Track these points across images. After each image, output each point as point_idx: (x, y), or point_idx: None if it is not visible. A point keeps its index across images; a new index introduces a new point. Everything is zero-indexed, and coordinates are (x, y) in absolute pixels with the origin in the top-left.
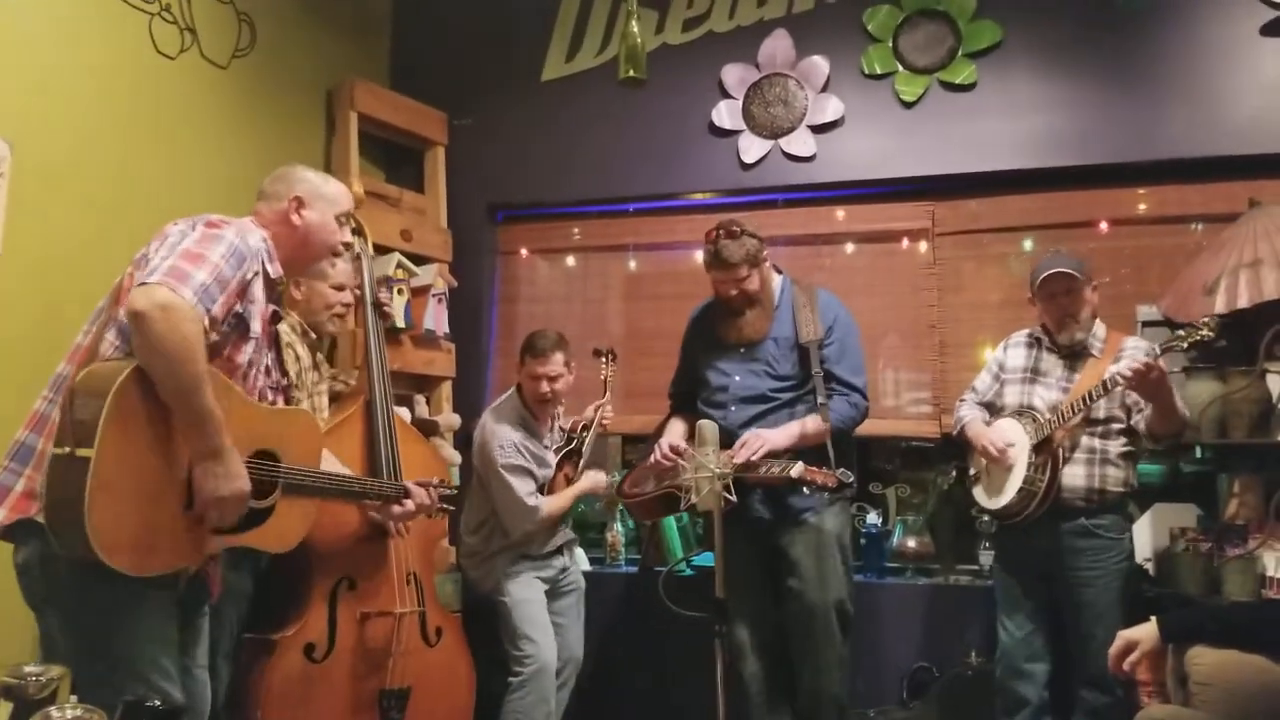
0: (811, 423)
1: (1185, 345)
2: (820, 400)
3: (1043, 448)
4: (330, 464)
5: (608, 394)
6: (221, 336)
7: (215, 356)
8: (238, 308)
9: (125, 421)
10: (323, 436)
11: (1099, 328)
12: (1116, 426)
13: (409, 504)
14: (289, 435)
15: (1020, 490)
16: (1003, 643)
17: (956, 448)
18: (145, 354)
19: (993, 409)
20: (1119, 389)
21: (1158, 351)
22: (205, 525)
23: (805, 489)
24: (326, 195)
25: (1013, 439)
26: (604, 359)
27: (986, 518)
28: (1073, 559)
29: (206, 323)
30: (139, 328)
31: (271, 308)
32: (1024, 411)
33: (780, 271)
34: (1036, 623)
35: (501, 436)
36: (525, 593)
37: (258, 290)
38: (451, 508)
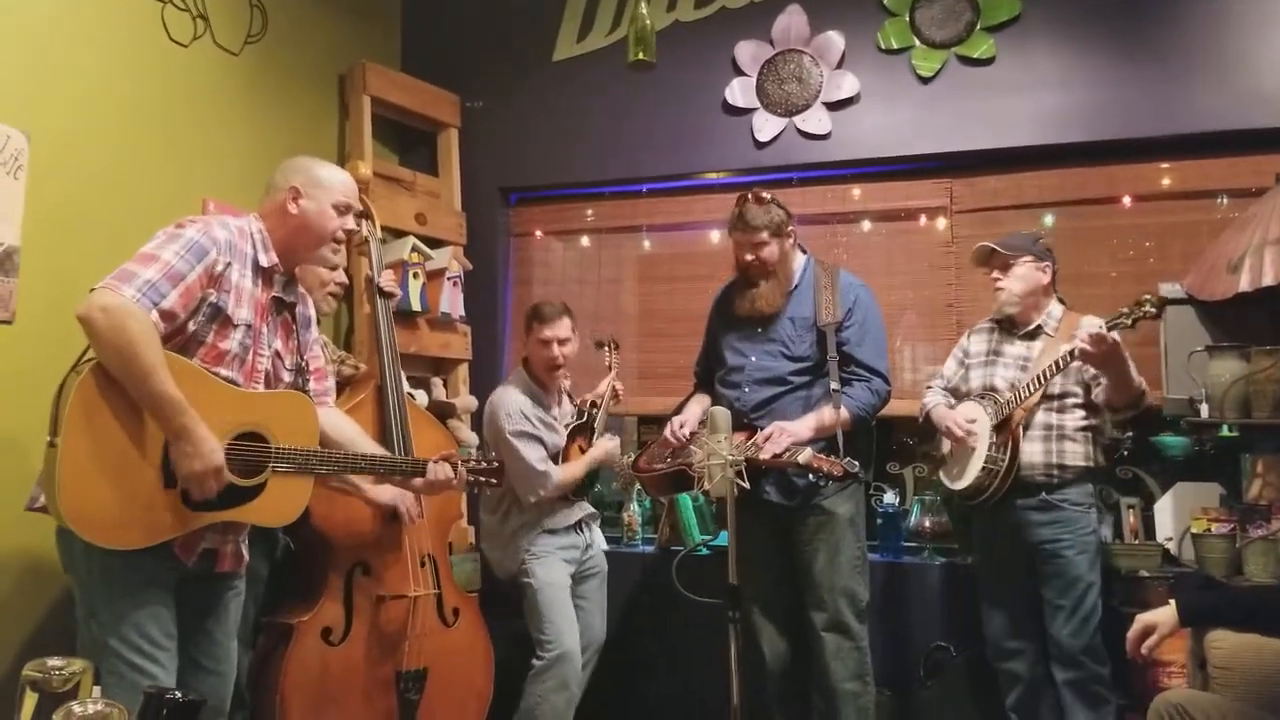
0: (829, 413)
1: (1130, 322)
2: (834, 387)
3: (1003, 427)
4: (376, 448)
5: (614, 371)
6: (200, 326)
7: (199, 345)
8: (212, 298)
9: (90, 412)
10: (318, 416)
11: (1055, 308)
12: (1072, 401)
13: (430, 476)
14: (278, 417)
15: (983, 469)
16: (985, 624)
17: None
18: (98, 352)
19: (958, 395)
20: (1075, 364)
21: (1105, 326)
22: (189, 501)
23: (810, 475)
24: (323, 183)
25: (975, 419)
26: (607, 348)
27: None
28: (1037, 532)
29: (156, 316)
30: (86, 331)
31: (271, 294)
32: (985, 394)
33: (806, 252)
34: (1016, 601)
35: (508, 404)
36: (551, 575)
37: (237, 279)
38: (495, 481)
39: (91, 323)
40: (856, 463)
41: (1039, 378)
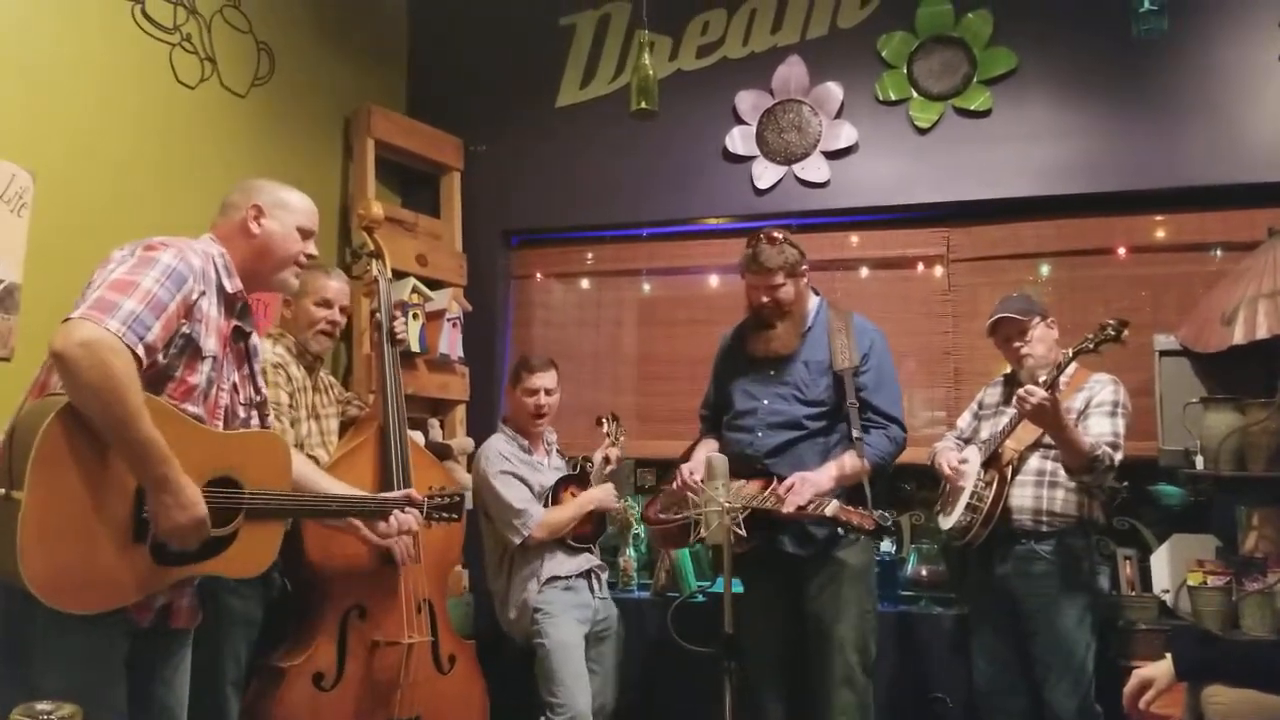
0: (849, 461)
1: (1093, 346)
2: (855, 434)
3: (991, 465)
4: (336, 486)
5: (609, 440)
6: (170, 359)
7: (168, 380)
8: (185, 328)
9: (56, 462)
10: (292, 456)
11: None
12: None
13: (391, 522)
14: (251, 459)
15: (967, 507)
16: (975, 679)
17: None
18: (72, 392)
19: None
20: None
21: (1058, 377)
22: (159, 556)
23: (840, 529)
24: (288, 205)
25: (968, 460)
26: (605, 421)
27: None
28: (1024, 584)
29: (141, 351)
30: (61, 368)
31: (233, 323)
32: (987, 440)
33: (818, 294)
34: (1007, 655)
35: (488, 449)
36: (562, 634)
37: (208, 308)
38: (456, 517)
39: (70, 359)
40: (889, 515)
41: (1004, 430)
